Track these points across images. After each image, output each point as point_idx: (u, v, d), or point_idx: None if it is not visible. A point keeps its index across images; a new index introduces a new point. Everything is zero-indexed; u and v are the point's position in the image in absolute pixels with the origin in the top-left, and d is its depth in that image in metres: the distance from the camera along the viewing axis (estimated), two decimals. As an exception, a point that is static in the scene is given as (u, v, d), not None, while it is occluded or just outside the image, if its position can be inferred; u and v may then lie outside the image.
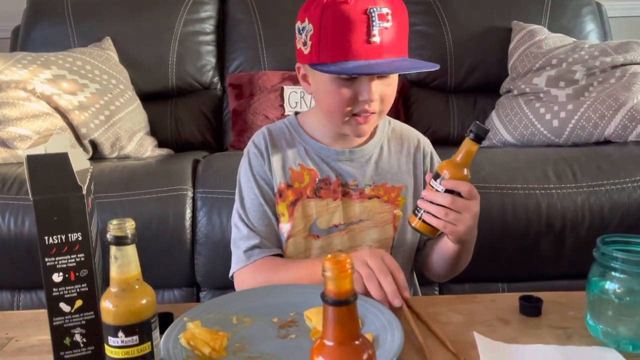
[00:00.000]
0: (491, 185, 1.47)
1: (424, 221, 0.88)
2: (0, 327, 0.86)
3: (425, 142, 1.08)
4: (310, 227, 1.00)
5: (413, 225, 0.89)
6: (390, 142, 1.06)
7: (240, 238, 1.00)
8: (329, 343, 0.51)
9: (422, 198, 0.88)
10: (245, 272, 0.98)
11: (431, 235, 0.90)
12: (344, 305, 0.50)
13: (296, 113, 1.09)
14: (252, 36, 2.15)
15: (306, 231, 1.00)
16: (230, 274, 1.02)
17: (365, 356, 0.51)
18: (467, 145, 0.86)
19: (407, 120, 2.06)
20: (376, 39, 0.87)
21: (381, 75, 0.91)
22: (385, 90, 0.93)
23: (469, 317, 0.83)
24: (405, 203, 1.02)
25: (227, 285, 1.23)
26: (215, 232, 1.46)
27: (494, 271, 1.52)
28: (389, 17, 0.87)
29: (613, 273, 0.72)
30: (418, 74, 2.14)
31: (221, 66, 2.21)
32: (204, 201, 1.49)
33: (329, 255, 0.51)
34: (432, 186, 0.87)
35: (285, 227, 1.00)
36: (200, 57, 2.16)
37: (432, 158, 1.07)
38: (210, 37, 2.19)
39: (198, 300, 1.55)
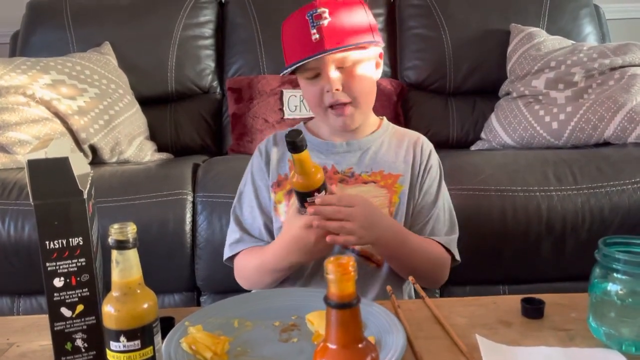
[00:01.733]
0: (491, 188, 1.47)
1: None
2: (1, 332, 0.86)
3: (425, 141, 1.14)
4: None
5: None
6: (392, 139, 1.13)
7: (230, 231, 1.12)
8: (332, 346, 0.51)
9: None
10: (236, 261, 1.09)
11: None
12: (347, 308, 0.50)
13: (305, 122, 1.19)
14: (251, 40, 2.15)
15: None
16: (224, 259, 1.11)
17: (368, 359, 0.51)
18: (293, 157, 0.87)
19: (407, 123, 2.06)
20: (316, 36, 0.99)
21: (339, 66, 1.01)
22: (348, 80, 1.01)
23: (471, 320, 0.83)
24: (403, 190, 1.06)
25: (227, 290, 1.23)
26: (215, 236, 1.46)
27: (494, 274, 1.52)
28: (326, 15, 0.99)
29: (615, 274, 0.72)
30: (417, 77, 2.14)
31: (220, 70, 2.21)
32: (204, 205, 1.49)
33: (331, 258, 0.51)
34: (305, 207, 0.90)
35: (282, 214, 1.07)
36: (200, 61, 2.16)
37: (430, 154, 1.11)
38: (209, 41, 2.19)
39: (198, 304, 1.55)
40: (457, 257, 1.06)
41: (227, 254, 1.09)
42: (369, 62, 1.05)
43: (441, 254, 1.04)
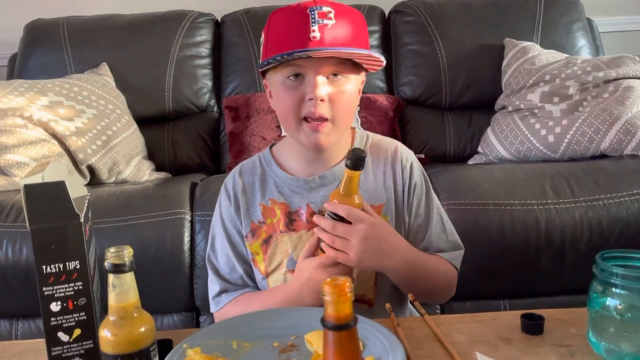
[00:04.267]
0: (489, 202, 1.47)
1: (322, 252, 0.86)
2: (-2, 357, 0.86)
3: (404, 151, 1.02)
4: (287, 262, 0.96)
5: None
6: (367, 159, 0.98)
7: (209, 281, 1.02)
8: (330, 368, 0.51)
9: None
10: (219, 315, 1.00)
11: None
12: (344, 329, 0.50)
13: (272, 145, 1.08)
14: (247, 58, 2.17)
15: (284, 267, 0.96)
16: (212, 312, 1.03)
17: (366, 381, 0.51)
18: (346, 173, 0.83)
19: (404, 138, 2.07)
20: (316, 34, 0.86)
21: (329, 77, 0.90)
22: (334, 93, 0.89)
23: (470, 337, 0.82)
24: (388, 221, 0.96)
25: (226, 309, 1.21)
26: (214, 255, 1.45)
27: (495, 288, 1.52)
28: (331, 16, 0.87)
29: (613, 289, 0.72)
30: (413, 92, 2.15)
31: (217, 89, 2.22)
32: (202, 224, 1.49)
33: (328, 279, 0.51)
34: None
35: (261, 266, 0.98)
36: (197, 81, 2.17)
37: (412, 169, 1.00)
38: (206, 61, 2.21)
39: (198, 324, 1.54)
40: (458, 269, 1.01)
41: (213, 308, 1.01)
42: (357, 84, 0.95)
43: (450, 271, 0.98)
